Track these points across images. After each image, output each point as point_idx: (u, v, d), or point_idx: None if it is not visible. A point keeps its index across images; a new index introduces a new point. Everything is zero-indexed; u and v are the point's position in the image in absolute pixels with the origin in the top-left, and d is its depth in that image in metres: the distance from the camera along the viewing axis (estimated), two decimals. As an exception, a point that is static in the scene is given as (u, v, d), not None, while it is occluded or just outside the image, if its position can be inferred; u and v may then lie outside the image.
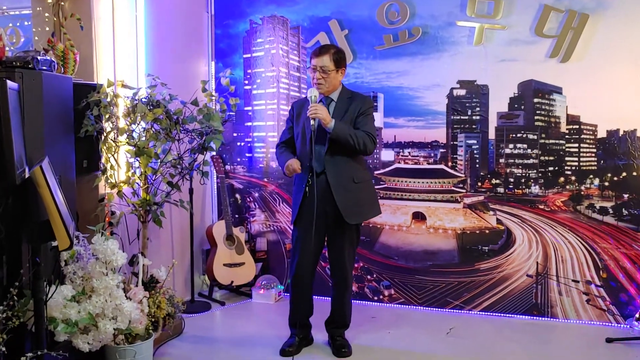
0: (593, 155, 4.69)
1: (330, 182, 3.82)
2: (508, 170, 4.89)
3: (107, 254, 3.51)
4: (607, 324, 4.64)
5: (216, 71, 5.57)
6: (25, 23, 4.61)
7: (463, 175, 5.01)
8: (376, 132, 3.89)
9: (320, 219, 3.81)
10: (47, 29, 4.12)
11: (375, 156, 5.18)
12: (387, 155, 5.19)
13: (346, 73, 4.02)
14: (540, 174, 4.81)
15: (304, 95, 5.23)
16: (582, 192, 4.72)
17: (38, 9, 4.13)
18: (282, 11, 5.36)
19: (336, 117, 3.77)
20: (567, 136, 4.74)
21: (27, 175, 2.89)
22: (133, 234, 4.36)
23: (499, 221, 4.91)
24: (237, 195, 5.68)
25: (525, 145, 4.84)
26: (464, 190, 5.01)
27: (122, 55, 4.47)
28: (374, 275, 5.22)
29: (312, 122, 3.69)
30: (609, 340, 4.30)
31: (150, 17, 4.75)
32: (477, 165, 4.97)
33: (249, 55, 5.57)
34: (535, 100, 4.76)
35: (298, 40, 5.37)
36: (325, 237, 4.02)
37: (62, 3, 4.13)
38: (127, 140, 4.04)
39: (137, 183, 4.15)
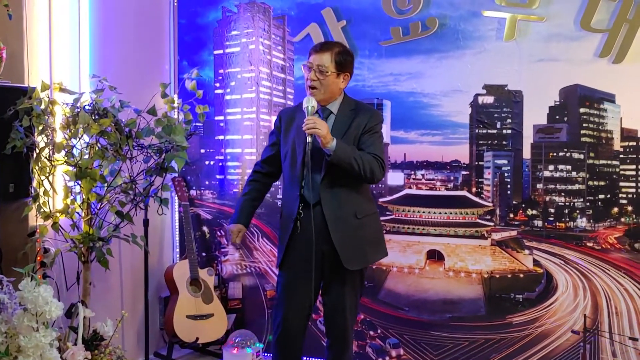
0: (655, 179, 4.72)
1: (327, 217, 3.78)
2: (547, 199, 4.90)
3: (38, 303, 3.47)
4: (673, 393, 4.63)
5: (179, 71, 5.60)
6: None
7: (491, 205, 5.02)
8: (384, 154, 3.89)
9: (314, 263, 3.74)
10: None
11: (380, 179, 5.19)
12: (394, 178, 5.20)
13: (345, 76, 4.03)
14: (588, 204, 4.82)
15: (290, 103, 5.25)
16: (641, 226, 4.74)
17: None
18: (264, -4, 5.41)
19: (336, 134, 3.71)
20: (621, 155, 4.75)
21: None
22: (72, 277, 4.34)
23: (536, 262, 4.91)
24: (205, 228, 5.67)
25: (569, 167, 4.85)
26: (491, 224, 5.01)
27: (60, 51, 4.48)
28: (379, 331, 5.21)
29: (307, 138, 3.63)
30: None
31: (96, 4, 4.76)
32: (509, 192, 4.98)
33: (221, 52, 5.61)
34: (582, 110, 4.78)
35: (283, 33, 5.39)
36: (321, 284, 3.99)
37: (-16, -16, 4.13)
38: (66, 158, 4.02)
39: (78, 213, 4.13)
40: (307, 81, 3.81)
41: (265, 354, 5.32)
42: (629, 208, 4.75)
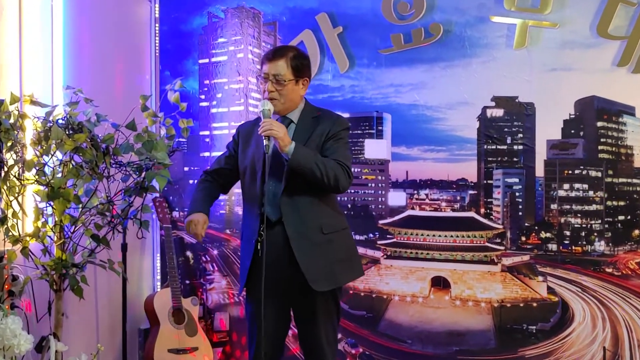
0: (679, 199, 4.72)
1: (289, 234, 3.72)
2: (562, 220, 4.91)
3: (5, 336, 3.44)
4: None
5: (161, 82, 5.61)
6: None
7: (501, 227, 5.03)
8: (351, 161, 3.84)
9: (279, 287, 3.73)
10: None
11: (379, 199, 5.18)
12: (396, 198, 5.21)
13: (340, 86, 4.04)
14: (606, 226, 4.83)
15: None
16: (665, 250, 4.74)
17: None
18: (253, 1, 5.41)
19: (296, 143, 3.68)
20: (643, 173, 4.79)
21: None
22: (43, 307, 4.30)
23: (550, 290, 4.91)
24: (189, 253, 5.66)
25: (585, 186, 4.86)
26: (502, 248, 5.02)
27: (31, 60, 4.47)
28: (379, 366, 5.20)
29: (265, 141, 3.60)
30: None
31: (70, 8, 4.76)
32: (520, 213, 4.99)
33: (206, 61, 5.62)
34: (599, 124, 4.80)
35: (274, 41, 5.41)
36: (291, 310, 3.95)
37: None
38: (37, 177, 4.00)
39: (50, 237, 4.10)
40: (264, 93, 3.77)
41: (255, 391, 5.28)
42: (652, 230, 4.77)
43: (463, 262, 5.08)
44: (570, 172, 4.89)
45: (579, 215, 4.88)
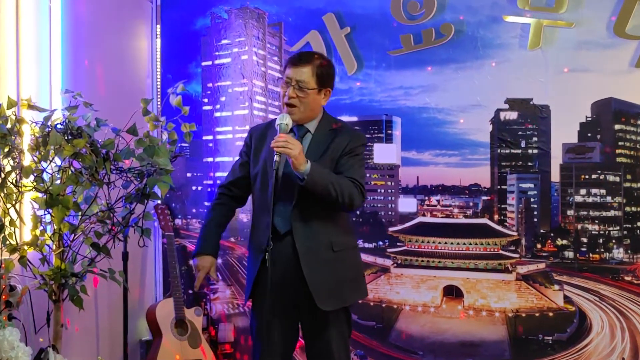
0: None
1: (299, 249, 3.70)
2: (579, 227, 4.92)
3: (3, 348, 3.47)
4: None
5: (163, 86, 5.64)
6: None
7: (515, 234, 5.03)
8: (365, 179, 3.81)
9: (287, 300, 3.74)
10: None
11: (389, 205, 5.19)
12: (406, 204, 5.23)
13: (348, 88, 4.05)
14: (625, 232, 4.83)
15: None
16: (687, 258, 4.74)
17: None
18: (257, 1, 5.43)
19: (311, 155, 3.67)
20: (662, 178, 4.79)
21: None
22: (41, 318, 4.32)
23: (567, 299, 4.91)
24: (192, 263, 5.65)
25: (603, 191, 4.87)
26: (516, 255, 5.02)
27: (29, 63, 4.49)
28: (389, 379, 5.21)
29: (275, 157, 3.58)
30: None
31: (69, 10, 4.77)
32: (536, 220, 5.00)
33: (209, 63, 5.65)
34: (617, 127, 4.81)
35: (279, 42, 5.43)
36: (299, 326, 3.93)
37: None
38: (35, 184, 4.01)
39: (48, 245, 4.11)
40: (284, 98, 3.74)
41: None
42: (672, 237, 4.77)
43: (476, 271, 5.08)
44: (587, 176, 4.89)
45: (596, 221, 4.88)
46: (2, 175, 3.98)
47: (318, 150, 3.74)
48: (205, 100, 5.68)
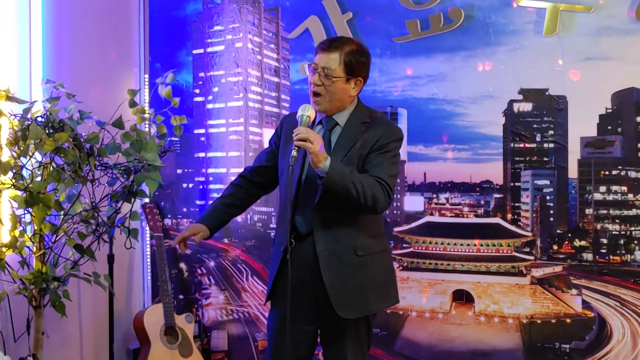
0: None
1: (319, 252, 3.67)
2: (599, 227, 4.89)
3: (-22, 359, 3.43)
4: None
5: (152, 75, 5.61)
6: None
7: (530, 234, 5.01)
8: (396, 179, 3.76)
9: (306, 304, 3.70)
10: None
11: (394, 204, 5.15)
12: (413, 202, 5.21)
13: (351, 78, 3.97)
14: (648, 232, 4.80)
15: (285, 112, 5.28)
16: None
17: None
18: (253, -15, 5.42)
19: (338, 150, 3.65)
20: (688, 174, 4.76)
21: None
22: (21, 325, 4.30)
23: (586, 305, 4.88)
24: (183, 265, 5.67)
25: (624, 188, 4.84)
26: (531, 258, 4.99)
27: (7, 52, 4.48)
28: (395, 390, 5.18)
29: (293, 152, 3.52)
30: None
31: (50, -5, 4.77)
32: (552, 219, 4.98)
33: (201, 51, 5.64)
34: (639, 119, 4.77)
35: (276, 29, 5.41)
36: (318, 331, 3.90)
37: None
38: (14, 181, 3.99)
39: (28, 247, 4.10)
40: (311, 85, 3.70)
41: (257, 418, 5.29)
42: (699, 237, 4.75)
43: (488, 274, 5.07)
44: (607, 172, 4.88)
45: (617, 221, 4.86)
46: (-22, 172, 3.97)
47: (345, 145, 3.68)
48: (197, 91, 5.68)
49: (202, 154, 5.66)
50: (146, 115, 4.51)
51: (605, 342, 4.83)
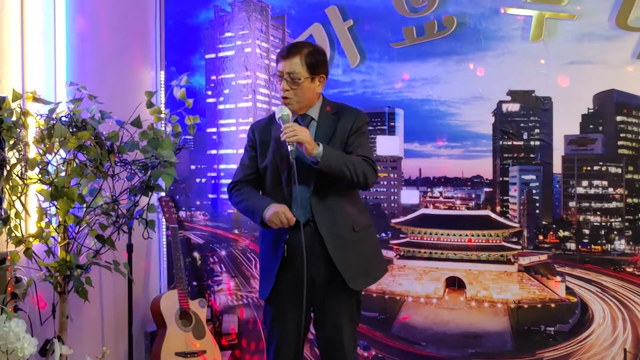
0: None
1: (324, 235, 3.73)
2: (581, 218, 4.91)
3: (9, 339, 3.46)
4: None
5: (167, 78, 5.64)
6: None
7: (517, 226, 5.03)
8: (373, 154, 3.85)
9: (303, 290, 3.66)
10: None
11: (392, 198, 5.19)
12: (409, 196, 5.23)
13: (351, 81, 4.04)
14: (627, 224, 4.83)
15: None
16: (688, 249, 4.73)
17: None
18: (261, -6, 5.43)
19: (320, 141, 3.65)
20: (664, 169, 4.77)
21: None
22: (47, 310, 4.32)
23: (569, 291, 4.91)
24: (196, 254, 5.69)
25: (605, 183, 4.86)
26: (519, 247, 5.02)
27: (34, 56, 4.48)
28: (392, 369, 5.20)
29: (289, 147, 3.58)
30: None
31: (73, 3, 4.76)
32: (537, 211, 5.00)
33: (213, 56, 5.64)
34: (619, 118, 4.80)
35: (283, 35, 5.42)
36: (311, 315, 3.97)
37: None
38: (40, 176, 4.01)
39: (53, 237, 4.11)
40: (280, 92, 3.77)
41: (265, 396, 5.30)
42: (674, 228, 4.76)
43: (478, 262, 5.08)
44: (589, 168, 4.89)
45: (598, 213, 4.87)
46: (8, 168, 3.97)
47: (326, 134, 3.78)
48: (209, 92, 5.68)
49: (214, 151, 5.67)
50: (162, 115, 4.53)
51: (587, 325, 4.85)
